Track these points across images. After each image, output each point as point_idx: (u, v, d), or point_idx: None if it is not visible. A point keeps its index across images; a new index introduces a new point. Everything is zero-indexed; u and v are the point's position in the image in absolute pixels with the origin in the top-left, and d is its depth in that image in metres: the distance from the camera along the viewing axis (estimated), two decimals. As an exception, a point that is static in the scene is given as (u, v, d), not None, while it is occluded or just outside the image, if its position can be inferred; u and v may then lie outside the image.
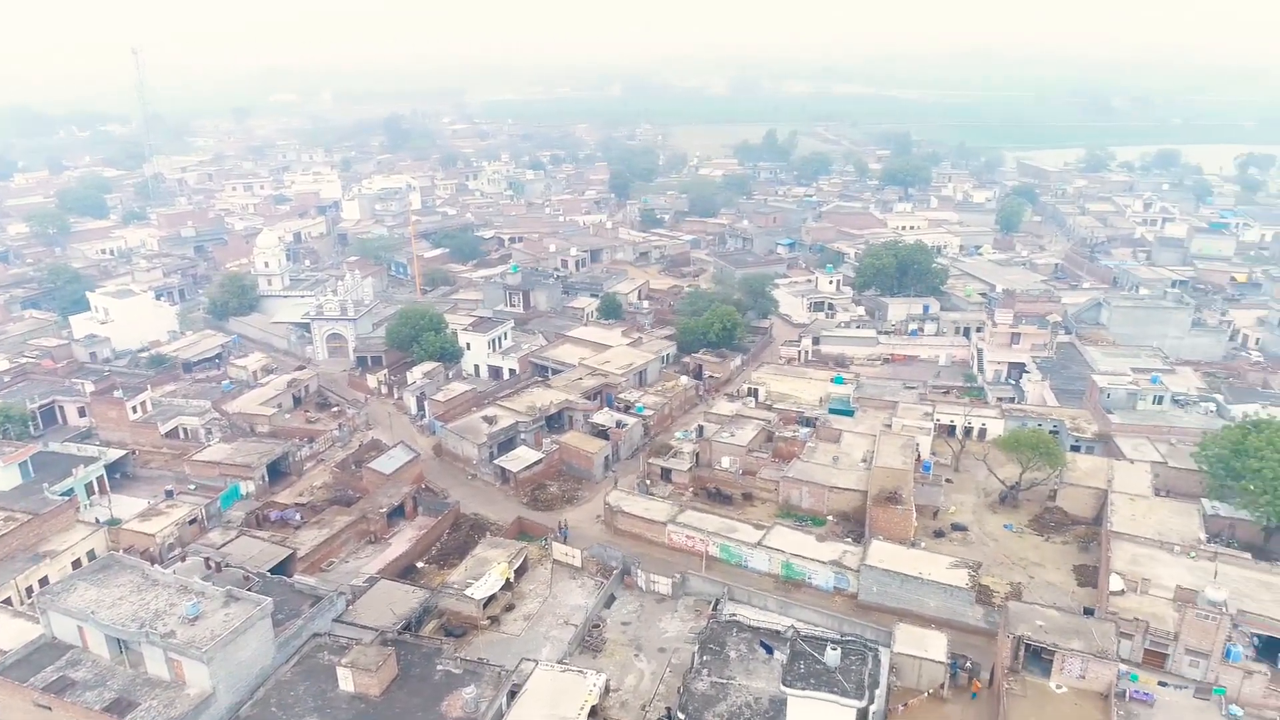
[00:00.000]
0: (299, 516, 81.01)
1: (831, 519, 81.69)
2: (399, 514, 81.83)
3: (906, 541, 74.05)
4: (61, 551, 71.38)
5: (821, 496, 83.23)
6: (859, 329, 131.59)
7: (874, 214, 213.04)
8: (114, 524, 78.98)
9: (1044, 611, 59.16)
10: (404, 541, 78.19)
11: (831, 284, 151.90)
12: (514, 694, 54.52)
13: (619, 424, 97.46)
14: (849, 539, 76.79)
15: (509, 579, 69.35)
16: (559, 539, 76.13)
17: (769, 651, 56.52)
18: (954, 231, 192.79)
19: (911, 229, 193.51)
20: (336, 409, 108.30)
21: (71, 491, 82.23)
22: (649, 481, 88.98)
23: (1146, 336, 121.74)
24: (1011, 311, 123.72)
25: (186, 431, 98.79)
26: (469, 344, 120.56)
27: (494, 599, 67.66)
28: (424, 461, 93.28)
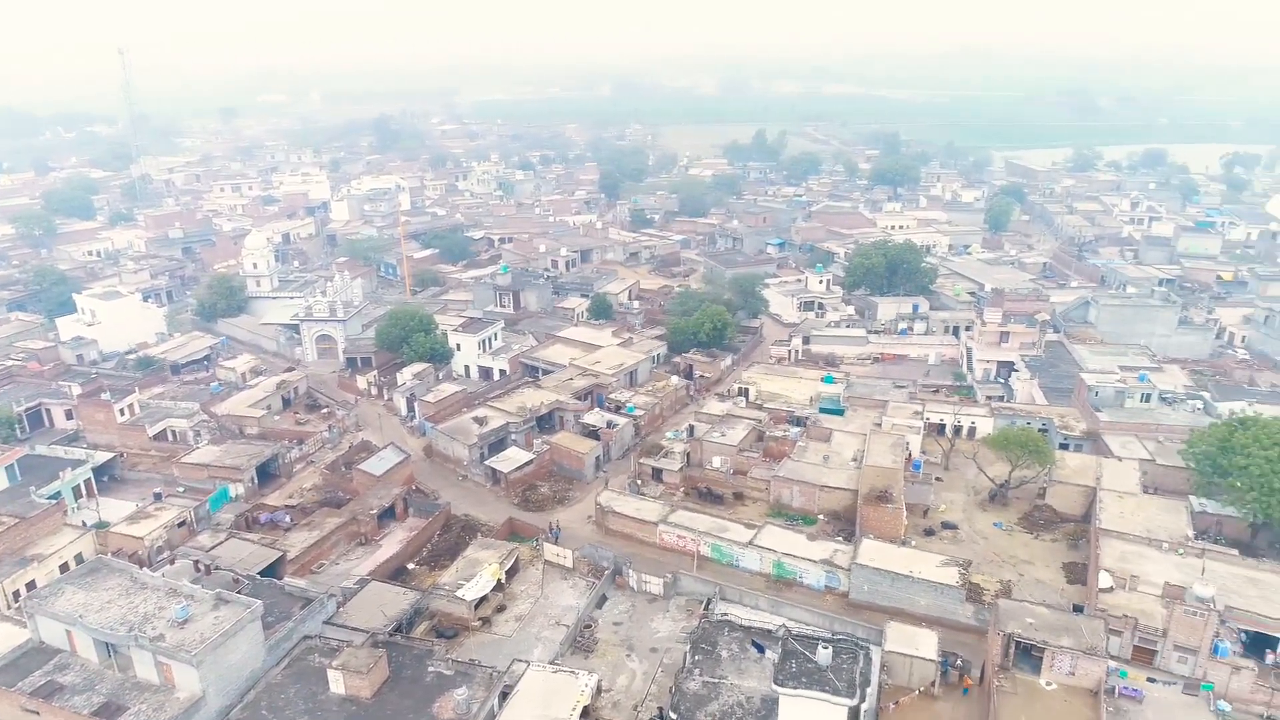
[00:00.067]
0: (289, 519, 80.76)
1: (822, 518, 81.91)
2: (389, 515, 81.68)
3: (897, 540, 74.30)
4: (49, 555, 70.96)
5: (812, 495, 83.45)
6: (849, 328, 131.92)
7: (863, 214, 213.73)
8: (102, 527, 78.57)
9: (1034, 609, 59.57)
10: (395, 543, 77.98)
11: (821, 283, 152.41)
12: (506, 695, 54.53)
13: (610, 424, 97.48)
14: (840, 538, 76.99)
15: (500, 580, 69.29)
16: (550, 540, 76.16)
17: (761, 651, 56.63)
18: (943, 231, 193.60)
19: (901, 228, 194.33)
20: (326, 410, 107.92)
21: (59, 495, 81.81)
22: (640, 481, 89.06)
23: (1134, 335, 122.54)
24: (1000, 310, 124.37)
25: (175, 434, 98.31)
26: (459, 345, 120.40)
27: (485, 600, 67.60)
28: (414, 463, 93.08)
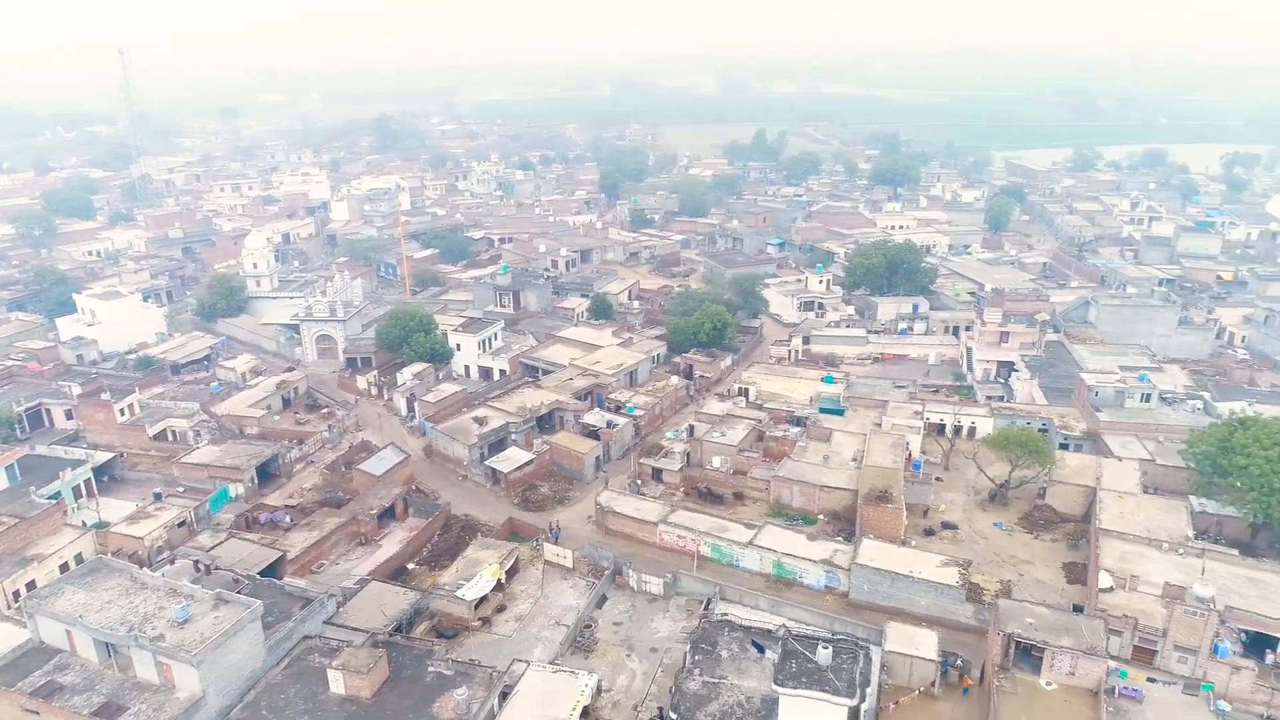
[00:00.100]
0: (289, 519, 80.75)
1: (822, 518, 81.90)
2: (389, 515, 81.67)
3: (897, 540, 74.28)
4: (49, 555, 70.96)
5: (812, 495, 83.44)
6: (849, 328, 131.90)
7: (863, 213, 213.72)
8: (102, 527, 78.56)
9: (1034, 609, 59.56)
10: (395, 543, 77.97)
11: (821, 283, 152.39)
12: (506, 695, 54.54)
13: (610, 424, 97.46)
14: (840, 538, 76.98)
15: (500, 580, 69.28)
16: (550, 540, 76.16)
17: (760, 651, 56.62)
18: (943, 231, 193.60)
19: (901, 228, 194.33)
20: (326, 410, 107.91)
21: (59, 495, 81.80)
22: (640, 481, 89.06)
23: (1134, 335, 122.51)
24: (1000, 310, 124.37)
25: (175, 434, 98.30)
26: (459, 345, 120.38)
27: (485, 600, 67.59)
28: (414, 463, 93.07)
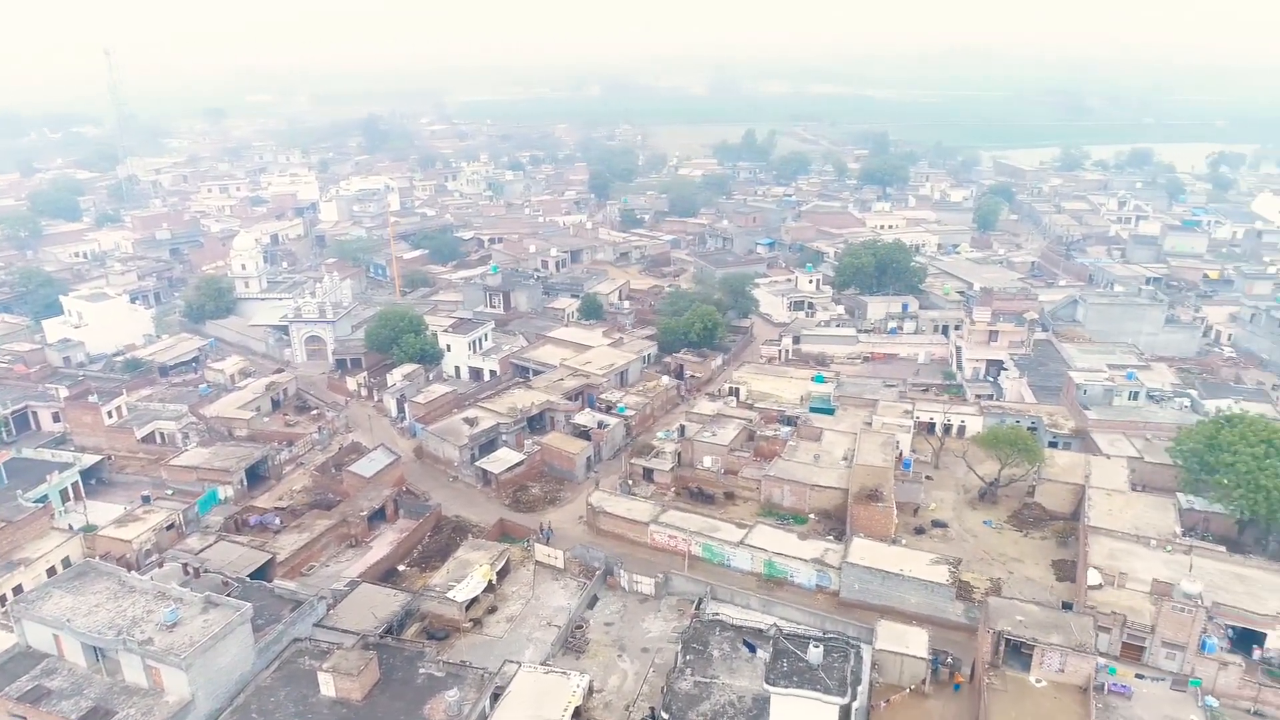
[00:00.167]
0: (278, 521, 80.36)
1: (813, 517, 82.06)
2: (380, 517, 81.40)
3: (887, 539, 74.38)
4: (36, 559, 70.49)
5: (803, 495, 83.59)
6: (839, 328, 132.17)
7: (853, 213, 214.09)
8: (90, 530, 78.02)
9: (1023, 606, 59.81)
10: (385, 545, 77.72)
11: (811, 283, 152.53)
12: (497, 696, 54.38)
13: (601, 424, 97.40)
14: (830, 537, 77.17)
15: (491, 581, 69.15)
16: (541, 540, 76.01)
17: (752, 650, 56.69)
18: (932, 230, 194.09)
19: (890, 228, 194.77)
20: (316, 412, 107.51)
21: (46, 498, 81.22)
22: (631, 482, 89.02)
23: (1122, 333, 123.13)
24: (989, 309, 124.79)
25: (163, 436, 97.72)
26: (449, 345, 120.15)
27: (476, 601, 67.42)
28: (405, 464, 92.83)
